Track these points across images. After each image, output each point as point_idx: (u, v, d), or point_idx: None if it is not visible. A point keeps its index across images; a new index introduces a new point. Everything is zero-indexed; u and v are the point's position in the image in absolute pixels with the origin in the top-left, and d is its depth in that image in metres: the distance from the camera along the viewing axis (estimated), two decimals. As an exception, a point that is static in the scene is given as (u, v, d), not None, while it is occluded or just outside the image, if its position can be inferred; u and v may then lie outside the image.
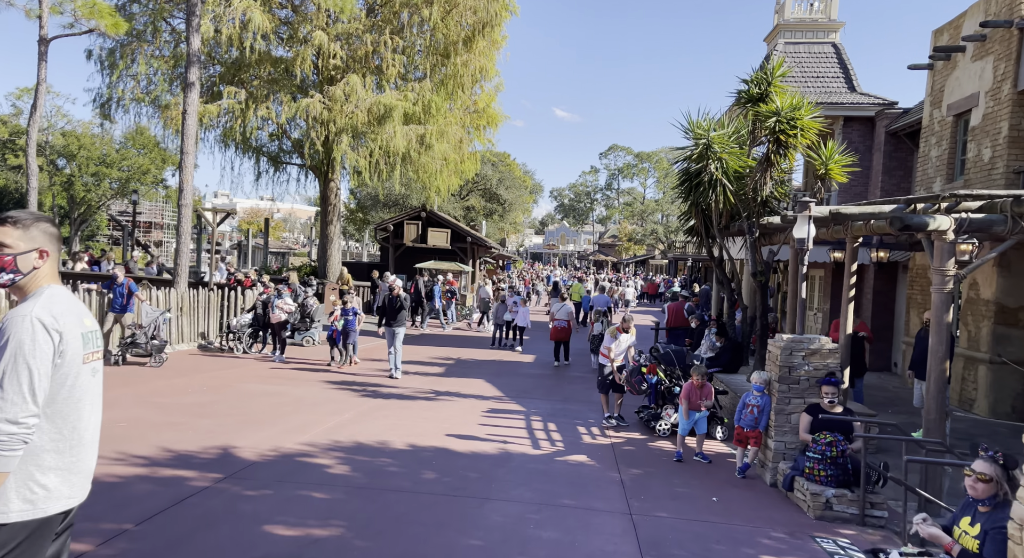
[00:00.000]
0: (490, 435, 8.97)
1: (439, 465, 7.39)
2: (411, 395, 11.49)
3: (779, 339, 7.51)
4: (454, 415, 10.10)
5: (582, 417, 10.59)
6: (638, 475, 7.51)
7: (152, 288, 16.09)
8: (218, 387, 11.10)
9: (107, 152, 48.10)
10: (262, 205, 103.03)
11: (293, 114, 21.43)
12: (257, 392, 10.89)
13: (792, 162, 9.87)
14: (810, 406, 7.11)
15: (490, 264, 41.28)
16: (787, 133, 9.54)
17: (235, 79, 22.90)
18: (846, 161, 10.06)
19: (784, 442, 7.32)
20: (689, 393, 8.25)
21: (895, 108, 16.29)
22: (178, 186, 17.85)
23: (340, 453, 7.56)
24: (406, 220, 27.54)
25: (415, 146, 23.00)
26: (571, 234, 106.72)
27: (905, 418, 11.07)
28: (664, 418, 9.70)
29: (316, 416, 9.42)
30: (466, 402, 11.17)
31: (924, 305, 13.47)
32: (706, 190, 12.16)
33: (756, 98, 10.19)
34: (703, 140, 10.73)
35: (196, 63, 17.69)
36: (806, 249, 7.32)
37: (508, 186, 49.25)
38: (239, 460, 6.97)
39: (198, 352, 15.35)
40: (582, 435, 9.42)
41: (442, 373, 14.09)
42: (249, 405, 9.86)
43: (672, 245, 59.03)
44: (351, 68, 22.86)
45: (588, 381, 13.78)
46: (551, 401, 11.71)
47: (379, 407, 10.34)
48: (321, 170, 24.88)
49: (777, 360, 7.40)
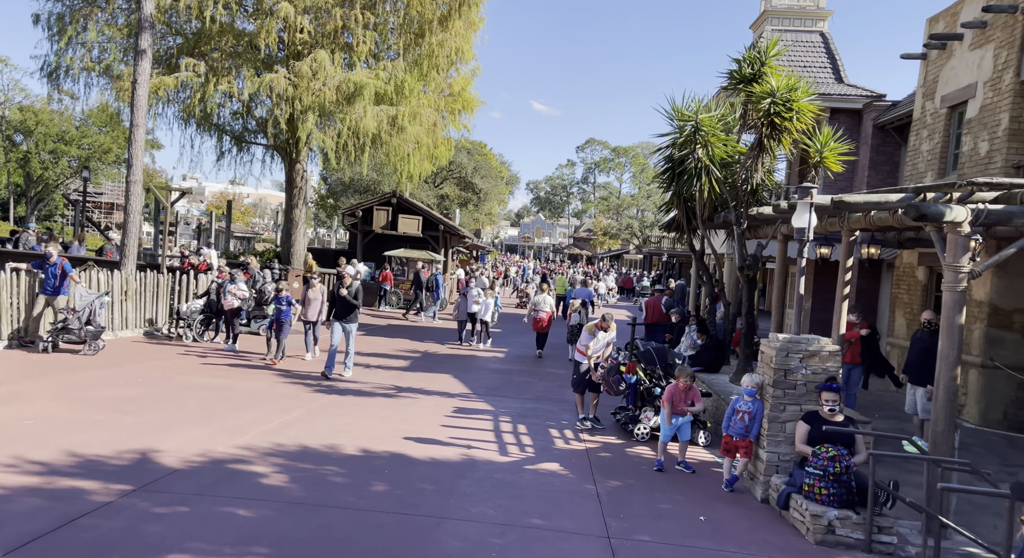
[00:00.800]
0: (453, 438, 8.13)
1: (392, 475, 6.53)
2: (370, 391, 10.60)
3: (774, 339, 6.78)
4: (415, 415, 9.25)
5: (555, 418, 9.81)
6: (616, 488, 6.74)
7: (95, 269, 14.92)
8: (155, 379, 10.09)
9: (66, 129, 46.03)
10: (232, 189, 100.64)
11: (256, 89, 20.23)
12: (198, 385, 9.90)
13: (787, 147, 9.16)
14: (808, 414, 6.41)
15: (463, 254, 40.34)
16: (782, 116, 8.81)
17: (195, 51, 21.60)
18: (842, 149, 9.38)
19: (778, 453, 6.61)
20: (672, 395, 7.50)
21: (883, 101, 15.75)
22: (127, 161, 16.64)
23: (280, 459, 6.66)
24: (376, 206, 26.47)
25: (386, 128, 21.95)
26: (546, 227, 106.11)
27: (894, 424, 10.50)
28: (643, 421, 8.96)
29: (260, 414, 8.49)
30: (430, 400, 10.32)
31: (911, 305, 12.94)
32: (690, 178, 11.42)
33: (749, 78, 9.45)
34: (690, 123, 9.98)
35: (148, 29, 16.48)
36: (807, 240, 6.60)
37: (484, 175, 48.26)
38: (158, 467, 6.04)
39: (143, 340, 14.26)
40: (554, 439, 8.64)
41: (406, 367, 13.21)
42: (186, 400, 8.88)
43: (647, 240, 58.64)
44: (319, 43, 21.71)
45: (562, 378, 13.02)
46: (522, 399, 10.92)
47: (333, 404, 9.44)
48: (287, 151, 23.69)
49: (772, 362, 6.67)
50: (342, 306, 11.33)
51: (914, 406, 9.11)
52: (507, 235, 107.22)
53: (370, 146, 22.65)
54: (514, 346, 17.30)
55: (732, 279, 13.61)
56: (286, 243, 25.43)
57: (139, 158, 16.67)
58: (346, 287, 11.28)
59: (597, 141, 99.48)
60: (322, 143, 22.01)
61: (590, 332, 9.38)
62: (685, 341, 12.44)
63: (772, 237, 10.75)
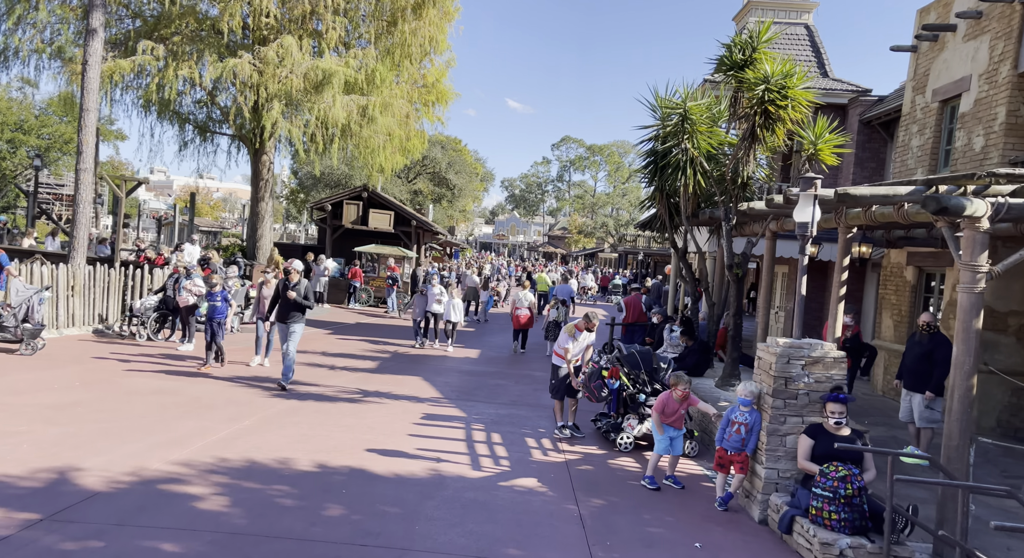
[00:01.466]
0: (421, 450, 7.43)
1: (351, 495, 5.81)
2: (332, 396, 9.83)
3: (773, 344, 6.19)
4: (380, 422, 8.51)
5: (531, 425, 9.15)
6: (600, 508, 6.10)
7: (41, 262, 13.90)
8: (95, 382, 9.21)
9: (25, 118, 44.34)
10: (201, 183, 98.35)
11: (219, 75, 19.21)
12: (143, 389, 9.05)
13: (781, 138, 8.61)
14: (811, 427, 5.83)
15: (436, 251, 39.52)
16: (777, 104, 8.24)
17: (155, 35, 20.50)
18: (837, 141, 8.85)
19: (777, 470, 6.02)
20: (665, 405, 6.87)
21: (869, 96, 15.36)
22: (76, 147, 15.59)
23: (222, 477, 5.90)
24: (346, 200, 25.54)
25: (356, 118, 21.07)
26: (521, 225, 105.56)
27: (884, 431, 10.03)
28: (626, 430, 8.34)
29: (207, 423, 7.69)
30: (397, 405, 9.59)
31: (899, 306, 12.53)
32: (675, 172, 10.86)
33: (740, 65, 8.87)
34: (678, 112, 9.38)
35: (100, 6, 15.45)
36: (809, 236, 6.03)
37: (458, 171, 47.42)
38: (76, 490, 5.24)
39: (92, 338, 13.30)
40: (531, 449, 7.97)
41: (374, 369, 12.44)
42: (125, 407, 8.04)
43: (623, 238, 58.32)
44: (287, 29, 20.76)
45: (538, 381, 12.37)
46: (496, 404, 10.24)
47: (290, 411, 8.66)
48: (252, 141, 22.70)
49: (771, 369, 6.08)
50: (286, 306, 10.01)
51: (910, 414, 8.63)
52: (482, 233, 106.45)
53: (339, 137, 21.76)
54: (488, 347, 16.62)
55: (718, 278, 13.07)
56: (251, 237, 24.42)
57: (90, 144, 15.63)
58: (293, 286, 9.98)
59: (572, 139, 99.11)
60: (289, 133, 21.07)
61: (570, 333, 8.72)
62: (667, 342, 11.87)
63: (760, 234, 10.21)
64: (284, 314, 10.04)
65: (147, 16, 21.34)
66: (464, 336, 18.08)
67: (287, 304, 10.02)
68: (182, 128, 24.33)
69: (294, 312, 10.06)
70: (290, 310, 10.04)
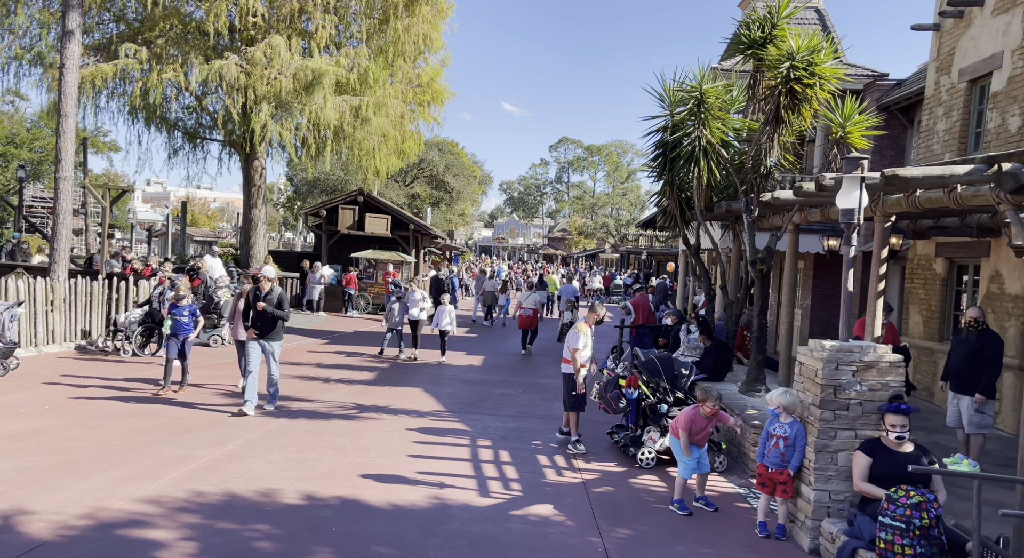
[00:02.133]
0: (422, 474, 6.68)
1: (342, 534, 5.06)
2: (326, 412, 9.08)
3: (817, 347, 5.45)
4: (378, 442, 7.77)
5: (542, 439, 8.40)
6: (627, 539, 5.34)
7: (18, 276, 13.18)
8: (66, 404, 8.47)
9: (16, 131, 43.86)
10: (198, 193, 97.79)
11: (205, 77, 18.48)
12: (119, 411, 8.31)
13: (808, 120, 7.87)
14: (867, 443, 5.08)
15: (436, 255, 38.79)
16: (803, 82, 7.50)
17: (138, 39, 19.80)
18: (869, 122, 8.12)
19: (828, 492, 5.26)
20: (692, 422, 6.11)
21: (886, 80, 14.63)
22: (55, 155, 14.88)
23: (194, 517, 5.15)
24: (341, 205, 24.79)
25: (349, 119, 20.35)
26: (520, 228, 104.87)
27: (923, 436, 9.26)
28: (647, 444, 7.59)
29: (186, 448, 6.94)
30: (396, 421, 8.84)
31: (928, 301, 11.78)
32: (688, 163, 10.14)
33: (759, 42, 8.13)
34: (693, 95, 8.64)
35: (76, 7, 14.72)
36: (856, 224, 5.29)
37: (456, 174, 46.70)
38: (17, 540, 4.50)
39: (73, 355, 12.56)
40: (544, 469, 7.22)
41: (371, 380, 11.70)
42: (96, 432, 7.30)
43: (624, 238, 57.57)
44: (275, 28, 20.06)
45: (546, 389, 11.62)
46: (503, 417, 9.49)
47: (279, 432, 7.91)
48: (242, 146, 21.98)
49: (816, 377, 5.33)
50: (260, 320, 8.75)
51: (957, 418, 7.86)
52: (481, 236, 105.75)
53: (332, 139, 21.05)
54: (491, 353, 15.87)
55: (732, 276, 12.32)
56: (245, 246, 23.71)
57: (68, 152, 14.92)
58: (264, 295, 8.70)
59: (570, 140, 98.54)
60: (279, 136, 20.36)
61: (581, 332, 8.00)
62: (683, 344, 11.11)
63: (784, 227, 9.48)
64: (259, 329, 8.77)
65: (130, 19, 20.64)
66: (466, 342, 17.35)
67: (261, 317, 8.73)
68: (171, 135, 23.64)
69: (270, 326, 8.78)
70: (265, 324, 8.75)
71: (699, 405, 6.10)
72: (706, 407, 6.05)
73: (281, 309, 8.79)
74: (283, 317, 8.83)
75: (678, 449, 6.08)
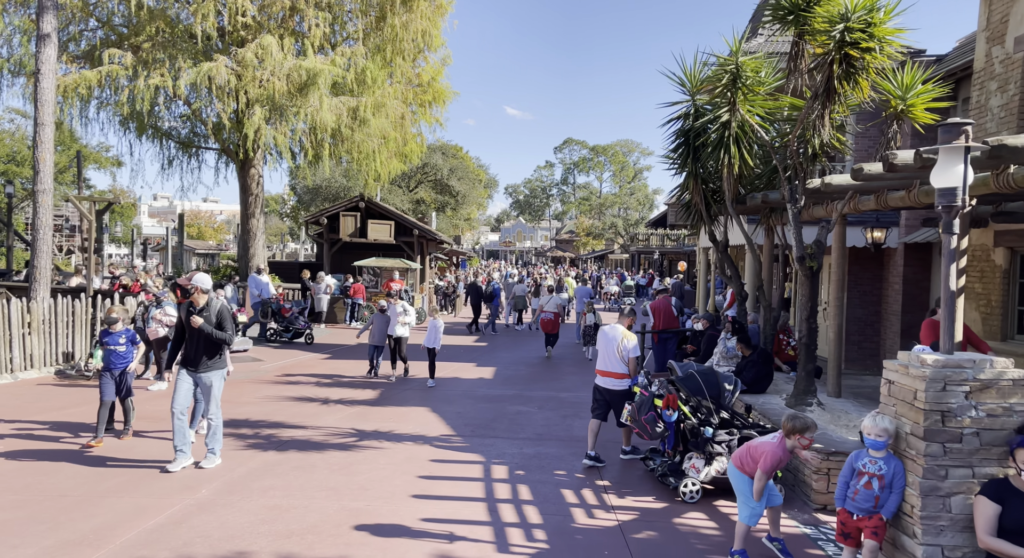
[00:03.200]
0: (428, 522, 5.62)
1: (324, 616, 4.00)
2: (320, 442, 8.04)
3: (915, 361, 4.35)
4: (377, 479, 6.72)
5: (565, 467, 7.33)
6: (685, 611, 4.26)
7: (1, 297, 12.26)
8: (21, 444, 7.45)
9: (18, 149, 43.44)
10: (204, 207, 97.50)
11: (194, 81, 17.58)
12: (80, 455, 7.28)
13: (866, 92, 6.78)
14: (992, 485, 3.99)
15: (442, 261, 37.79)
16: (861, 46, 6.41)
17: (124, 44, 18.93)
18: (935, 93, 7.02)
19: (941, 547, 4.16)
20: (781, 461, 4.91)
21: (924, 56, 13.49)
22: (32, 166, 13.97)
23: (141, 598, 4.10)
24: (342, 212, 23.79)
25: (347, 121, 19.41)
26: (527, 231, 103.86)
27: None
28: (690, 474, 6.49)
29: (148, 496, 5.91)
30: (399, 450, 7.79)
31: (987, 296, 10.62)
32: (716, 150, 9.09)
33: (802, 5, 7.05)
34: (728, 68, 7.57)
35: (51, 8, 13.81)
36: (960, 207, 4.22)
37: (461, 177, 45.71)
38: None
39: (52, 380, 11.61)
40: (571, 508, 6.14)
41: (373, 400, 10.66)
42: (47, 479, 6.28)
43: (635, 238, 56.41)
44: (266, 28, 19.14)
45: (566, 404, 10.54)
46: (520, 441, 8.42)
47: (263, 470, 6.87)
48: (237, 154, 21.06)
49: (917, 399, 4.24)
50: (195, 344, 6.76)
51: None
52: (488, 241, 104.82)
53: (329, 142, 20.11)
54: (503, 363, 14.80)
55: (766, 275, 11.24)
56: (243, 257, 22.78)
57: (47, 163, 13.98)
58: (200, 311, 6.73)
59: (575, 141, 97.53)
60: (274, 141, 19.41)
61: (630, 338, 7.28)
62: (718, 352, 10.02)
63: (835, 218, 8.38)
64: (193, 356, 6.75)
65: (116, 24, 19.79)
66: (476, 352, 16.30)
67: (195, 340, 6.72)
68: (163, 145, 22.79)
69: (207, 353, 6.77)
70: (201, 350, 6.74)
71: (794, 438, 4.90)
72: (805, 439, 4.87)
73: (223, 329, 6.78)
74: (225, 340, 6.80)
75: (747, 492, 4.97)
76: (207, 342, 6.77)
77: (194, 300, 6.79)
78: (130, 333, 8.05)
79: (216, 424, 6.90)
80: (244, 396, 10.58)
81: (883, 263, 13.92)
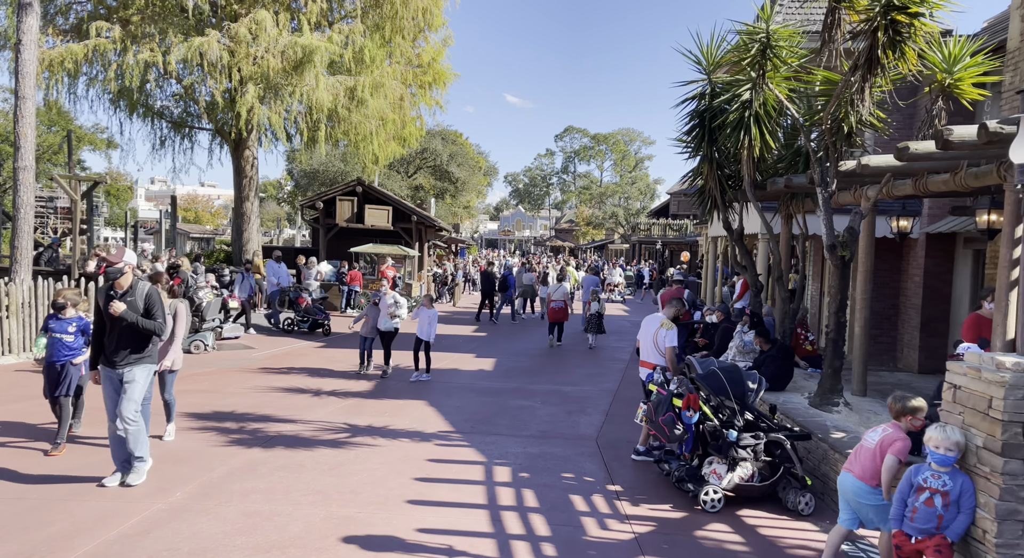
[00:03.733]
0: (424, 533, 5.05)
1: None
2: (310, 438, 7.47)
3: (988, 363, 3.78)
4: (369, 481, 6.15)
5: (572, 469, 6.78)
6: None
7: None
8: (-13, 438, 6.88)
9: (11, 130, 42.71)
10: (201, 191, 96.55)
11: (184, 56, 16.88)
12: (46, 449, 6.70)
13: (913, 62, 6.17)
14: (1084, 508, 3.41)
15: (440, 249, 37.16)
16: (909, 10, 5.79)
17: (112, 17, 18.20)
18: (984, 67, 6.42)
19: (1021, 578, 3.61)
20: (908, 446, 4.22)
21: (949, 37, 12.83)
22: (13, 143, 13.32)
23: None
24: (339, 196, 23.07)
25: (344, 101, 18.73)
26: (527, 220, 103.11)
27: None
28: (710, 480, 5.93)
29: (115, 500, 5.34)
30: (394, 448, 7.23)
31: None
32: (735, 132, 8.50)
33: (840, -32, 6.41)
34: (758, 37, 6.94)
35: (31, -25, 13.08)
36: (1045, 184, 3.63)
37: (460, 163, 44.99)
38: None
39: (31, 367, 11.02)
40: (581, 516, 5.59)
41: (368, 392, 10.10)
42: (5, 481, 5.70)
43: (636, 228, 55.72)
44: (260, 2, 18.40)
45: (571, 399, 9.98)
46: (523, 438, 7.86)
47: (245, 470, 6.30)
48: (231, 135, 20.38)
49: (992, 409, 3.67)
50: (115, 335, 5.63)
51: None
52: (487, 229, 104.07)
53: (326, 123, 19.43)
54: (504, 354, 14.23)
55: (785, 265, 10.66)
56: (237, 241, 22.15)
57: (28, 138, 13.33)
58: (122, 296, 5.60)
59: (576, 129, 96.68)
60: (269, 121, 18.73)
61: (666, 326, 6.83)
62: (733, 347, 9.46)
63: (871, 203, 7.79)
64: (113, 349, 5.63)
65: None
66: (475, 342, 15.73)
67: (118, 331, 5.60)
68: (155, 124, 22.10)
69: (132, 346, 5.65)
70: (123, 343, 5.62)
71: (899, 420, 4.30)
72: (916, 421, 4.29)
73: (151, 317, 5.63)
74: (155, 330, 5.65)
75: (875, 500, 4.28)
76: (131, 333, 5.61)
77: (116, 285, 5.61)
78: (82, 322, 6.85)
79: (140, 427, 5.68)
80: (231, 386, 10.01)
81: (902, 254, 13.34)
